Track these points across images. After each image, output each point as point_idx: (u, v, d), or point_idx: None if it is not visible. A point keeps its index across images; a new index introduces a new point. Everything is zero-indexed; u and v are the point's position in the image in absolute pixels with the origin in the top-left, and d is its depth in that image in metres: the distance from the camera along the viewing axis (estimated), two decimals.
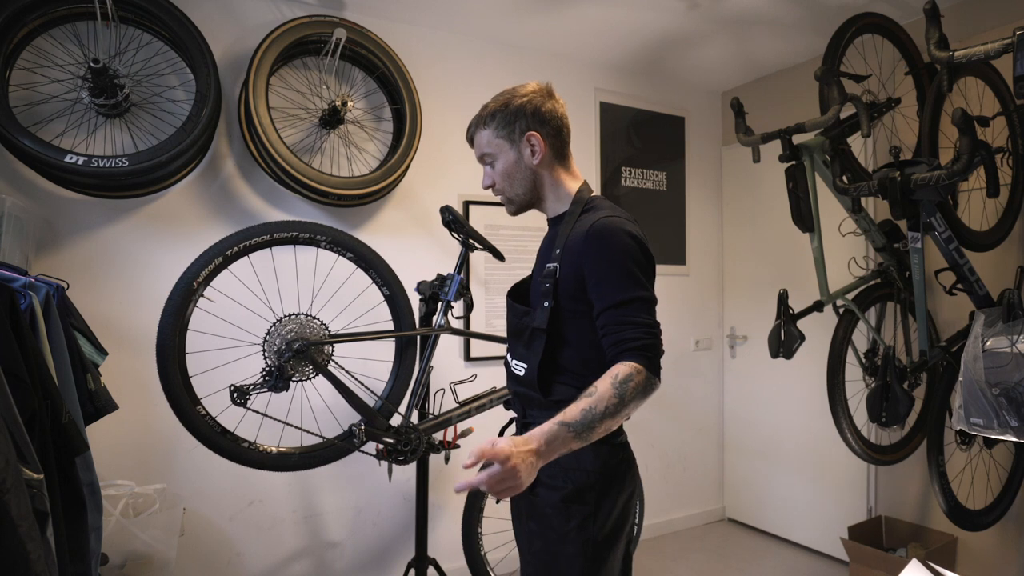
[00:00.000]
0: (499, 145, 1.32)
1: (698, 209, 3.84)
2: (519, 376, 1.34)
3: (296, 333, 1.91)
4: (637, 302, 1.18)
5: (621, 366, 1.13)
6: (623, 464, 1.29)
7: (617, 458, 1.28)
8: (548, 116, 1.31)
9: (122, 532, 1.97)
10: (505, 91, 1.34)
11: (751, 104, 2.86)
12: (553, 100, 1.33)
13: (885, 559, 2.54)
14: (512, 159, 1.32)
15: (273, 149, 2.38)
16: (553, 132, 1.32)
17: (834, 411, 2.39)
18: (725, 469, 3.90)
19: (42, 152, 2.01)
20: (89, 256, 2.32)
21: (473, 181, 3.08)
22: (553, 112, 1.32)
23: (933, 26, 1.81)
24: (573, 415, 1.10)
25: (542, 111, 1.31)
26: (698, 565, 3.19)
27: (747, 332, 3.75)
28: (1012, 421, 1.91)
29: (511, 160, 1.32)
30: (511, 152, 1.32)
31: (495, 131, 1.32)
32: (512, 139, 1.32)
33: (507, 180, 1.34)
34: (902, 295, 2.47)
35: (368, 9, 2.78)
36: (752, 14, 2.86)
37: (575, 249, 1.24)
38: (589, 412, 1.09)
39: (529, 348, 1.30)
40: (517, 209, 1.38)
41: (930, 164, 1.98)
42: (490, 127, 1.32)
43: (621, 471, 1.28)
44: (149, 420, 2.34)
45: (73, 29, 2.25)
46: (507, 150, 1.32)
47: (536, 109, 1.31)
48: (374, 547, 2.82)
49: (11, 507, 1.02)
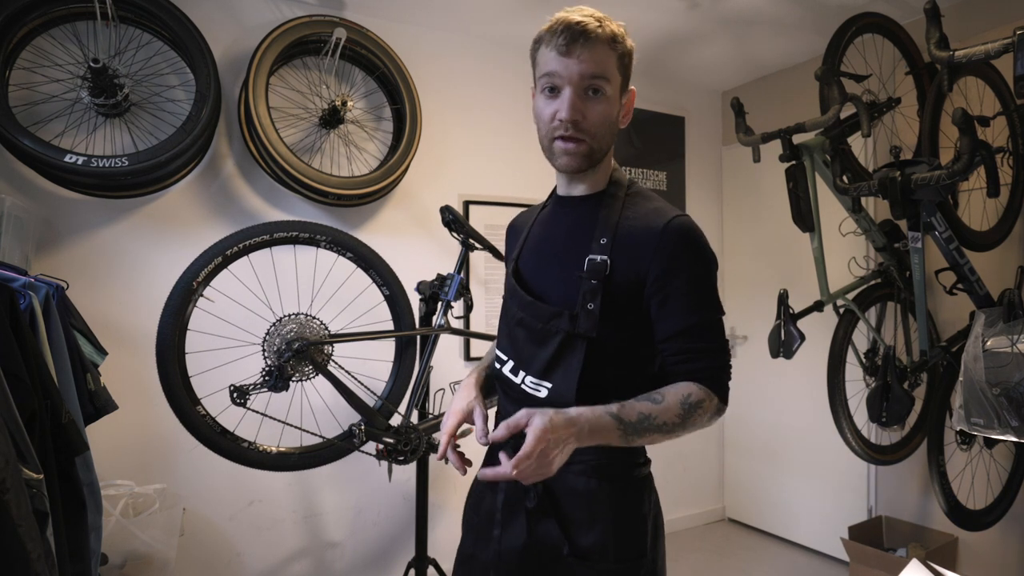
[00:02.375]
0: (615, 80, 1.02)
1: (698, 209, 3.84)
2: (537, 398, 1.05)
3: (296, 333, 1.91)
4: (718, 325, 1.03)
5: (696, 387, 0.98)
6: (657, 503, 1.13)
7: (654, 497, 1.12)
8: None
9: (122, 532, 1.96)
10: (608, 17, 1.02)
11: (751, 104, 2.85)
12: None
13: (885, 559, 2.54)
14: (616, 107, 1.04)
15: (273, 149, 2.38)
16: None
17: (834, 411, 2.39)
18: (725, 469, 3.89)
19: (42, 152, 2.01)
20: (89, 256, 2.32)
21: (473, 181, 3.08)
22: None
23: (933, 26, 1.81)
24: (630, 415, 0.95)
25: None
26: (698, 565, 3.19)
27: (747, 332, 3.75)
28: (1012, 421, 1.91)
29: (616, 108, 1.04)
30: (617, 99, 1.04)
31: (618, 61, 1.02)
32: (624, 84, 1.05)
33: (603, 126, 1.03)
34: (902, 295, 2.47)
35: (368, 9, 2.78)
36: (752, 14, 2.86)
37: (639, 244, 1.00)
38: (647, 420, 0.95)
39: (559, 361, 1.03)
40: (588, 165, 1.05)
41: (930, 164, 1.98)
42: (616, 52, 1.01)
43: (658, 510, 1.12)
44: (149, 420, 2.34)
45: (73, 29, 2.25)
46: (617, 93, 1.04)
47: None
48: (374, 547, 2.82)
49: (11, 507, 1.02)
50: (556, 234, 1.11)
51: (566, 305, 1.03)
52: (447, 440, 1.07)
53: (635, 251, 1.01)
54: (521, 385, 1.08)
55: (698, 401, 0.98)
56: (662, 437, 0.98)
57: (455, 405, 1.12)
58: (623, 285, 1.01)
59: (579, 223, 1.08)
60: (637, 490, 1.07)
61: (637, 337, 1.04)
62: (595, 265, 1.01)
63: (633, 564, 1.03)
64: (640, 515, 1.06)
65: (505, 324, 1.14)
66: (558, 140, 1.02)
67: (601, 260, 1.01)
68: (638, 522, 1.05)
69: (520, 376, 1.08)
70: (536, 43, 1.05)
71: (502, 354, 1.14)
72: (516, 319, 1.10)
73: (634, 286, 1.01)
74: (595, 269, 1.01)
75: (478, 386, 1.17)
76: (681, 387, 0.99)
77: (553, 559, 1.03)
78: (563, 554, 1.02)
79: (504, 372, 1.12)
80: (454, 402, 1.14)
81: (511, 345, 1.11)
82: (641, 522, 1.06)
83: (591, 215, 1.07)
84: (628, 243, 1.02)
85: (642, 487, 1.08)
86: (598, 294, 1.00)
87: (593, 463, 1.04)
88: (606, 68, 1.00)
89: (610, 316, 1.01)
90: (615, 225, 1.04)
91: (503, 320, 1.16)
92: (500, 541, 1.07)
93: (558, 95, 1.01)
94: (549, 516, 1.04)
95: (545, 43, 1.02)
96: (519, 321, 1.09)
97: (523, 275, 1.14)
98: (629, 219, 1.04)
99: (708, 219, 3.88)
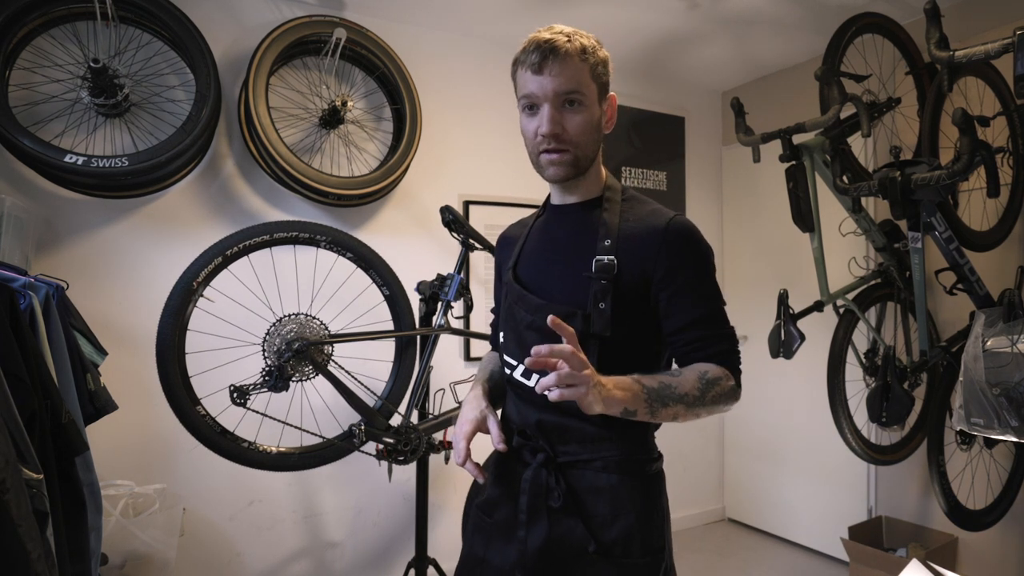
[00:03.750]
0: (591, 91, 1.06)
1: (698, 209, 3.84)
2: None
3: (296, 333, 1.91)
4: (723, 312, 1.08)
5: (710, 366, 1.03)
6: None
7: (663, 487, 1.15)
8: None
9: (122, 532, 1.97)
10: (578, 31, 1.06)
11: (751, 104, 2.86)
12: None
13: (885, 559, 2.54)
14: (596, 115, 1.08)
15: (273, 149, 2.38)
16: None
17: (834, 411, 2.39)
18: (725, 469, 3.89)
19: (42, 152, 2.01)
20: (89, 256, 2.32)
21: (473, 181, 3.08)
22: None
23: (933, 26, 1.81)
24: (651, 381, 0.98)
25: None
26: (698, 565, 3.19)
27: (747, 332, 3.75)
28: (1012, 421, 1.91)
29: (596, 115, 1.08)
30: (596, 106, 1.07)
31: (591, 71, 1.05)
32: (602, 92, 1.09)
33: (586, 135, 1.06)
34: (902, 295, 2.47)
35: (368, 9, 2.78)
36: (752, 14, 2.86)
37: (643, 244, 1.05)
38: (668, 388, 0.98)
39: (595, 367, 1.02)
40: (576, 173, 1.10)
41: (930, 164, 1.98)
42: (588, 63, 1.04)
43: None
44: (149, 420, 2.34)
45: (73, 29, 2.25)
46: (595, 102, 1.07)
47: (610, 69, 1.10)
48: (374, 547, 2.82)
49: (11, 507, 1.02)
50: (558, 239, 1.15)
51: (577, 306, 1.06)
52: (466, 447, 1.07)
53: (640, 251, 1.05)
54: (535, 387, 1.09)
55: (715, 378, 1.01)
56: (685, 411, 0.99)
57: (467, 415, 1.13)
58: (631, 284, 1.05)
59: (581, 227, 1.12)
60: (656, 484, 1.11)
61: (645, 334, 1.08)
62: (603, 266, 1.05)
63: (655, 557, 1.06)
64: (659, 508, 1.10)
65: (512, 330, 1.15)
66: (543, 154, 1.07)
67: (609, 261, 1.05)
68: (658, 515, 1.09)
69: (534, 379, 1.09)
70: (514, 65, 1.09)
71: (511, 359, 1.16)
72: (526, 323, 1.11)
73: (641, 284, 1.05)
74: (604, 269, 1.05)
75: (486, 396, 1.18)
76: (697, 366, 1.03)
77: (577, 556, 1.05)
78: (588, 551, 1.04)
79: (516, 377, 1.14)
80: (464, 412, 1.14)
81: (521, 349, 1.12)
82: (660, 515, 1.10)
83: (592, 219, 1.11)
84: (632, 244, 1.06)
85: (660, 481, 1.13)
86: (608, 294, 1.04)
87: (614, 459, 1.06)
88: (580, 81, 1.04)
89: (620, 315, 1.05)
90: (617, 227, 1.08)
91: (509, 326, 1.16)
92: (526, 542, 1.07)
93: (537, 112, 1.06)
94: (573, 515, 1.05)
95: (520, 64, 1.06)
96: (529, 324, 1.11)
97: (525, 281, 1.16)
98: (630, 222, 1.08)
99: (708, 219, 3.88)
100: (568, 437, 1.07)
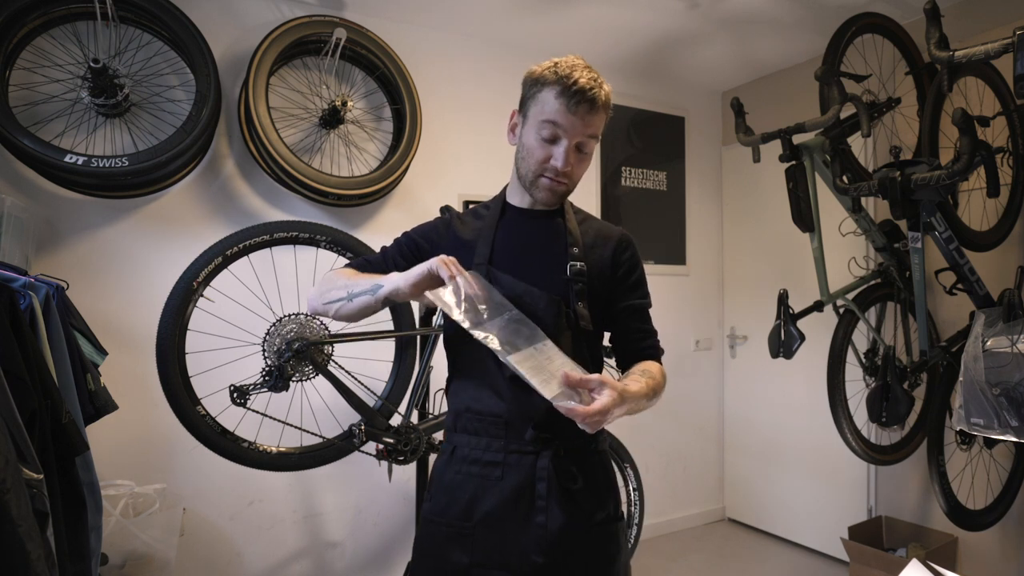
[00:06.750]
0: (598, 137, 1.20)
1: (698, 209, 3.84)
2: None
3: (296, 333, 1.91)
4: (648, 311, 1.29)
5: (659, 366, 1.21)
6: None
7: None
8: None
9: (122, 532, 1.97)
10: (600, 76, 1.17)
11: (751, 104, 2.86)
12: None
13: (885, 559, 2.54)
14: (590, 162, 1.25)
15: (273, 149, 2.38)
16: None
17: (834, 411, 2.39)
18: (725, 469, 3.90)
19: (42, 152, 2.01)
20: (89, 256, 2.32)
21: (473, 181, 3.08)
22: None
23: (933, 26, 1.81)
24: (635, 389, 1.07)
25: None
26: (698, 565, 3.19)
27: (747, 332, 3.75)
28: (1012, 421, 1.91)
29: (590, 162, 1.25)
30: (592, 154, 1.24)
31: (605, 121, 1.20)
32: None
33: (580, 176, 1.24)
34: (902, 295, 2.47)
35: (368, 9, 2.78)
36: (752, 14, 2.86)
37: (606, 251, 1.23)
38: (646, 390, 1.10)
39: (577, 355, 1.15)
40: (561, 202, 1.27)
41: (930, 164, 1.98)
42: (606, 115, 1.19)
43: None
44: (149, 420, 2.34)
45: (73, 29, 2.25)
46: (595, 148, 1.23)
47: None
48: (374, 547, 2.82)
49: (11, 507, 1.02)
50: (531, 242, 1.24)
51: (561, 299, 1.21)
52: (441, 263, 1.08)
53: (600, 255, 1.24)
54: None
55: (663, 375, 1.20)
56: (648, 405, 1.14)
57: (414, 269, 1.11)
58: (596, 286, 1.22)
59: (550, 233, 1.25)
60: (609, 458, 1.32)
61: (602, 324, 1.26)
62: (577, 270, 1.20)
63: (622, 520, 1.26)
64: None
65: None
66: (544, 178, 1.20)
67: (581, 266, 1.21)
68: (616, 484, 1.29)
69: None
70: (539, 82, 1.15)
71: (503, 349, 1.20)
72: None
73: (603, 285, 1.23)
74: (578, 273, 1.20)
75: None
76: (653, 365, 1.21)
77: (585, 531, 1.17)
78: (595, 522, 1.17)
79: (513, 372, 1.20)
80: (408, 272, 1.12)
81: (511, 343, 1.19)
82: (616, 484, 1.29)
83: (557, 226, 1.25)
84: (593, 251, 1.24)
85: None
86: (584, 295, 1.20)
87: (595, 439, 1.22)
88: (598, 129, 1.18)
89: (594, 313, 1.22)
90: (579, 236, 1.24)
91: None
92: (547, 526, 1.14)
93: (555, 143, 1.16)
94: (584, 492, 1.18)
95: (550, 89, 1.13)
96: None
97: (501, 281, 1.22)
98: (588, 233, 1.26)
99: (708, 219, 3.88)
100: (572, 423, 1.11)
